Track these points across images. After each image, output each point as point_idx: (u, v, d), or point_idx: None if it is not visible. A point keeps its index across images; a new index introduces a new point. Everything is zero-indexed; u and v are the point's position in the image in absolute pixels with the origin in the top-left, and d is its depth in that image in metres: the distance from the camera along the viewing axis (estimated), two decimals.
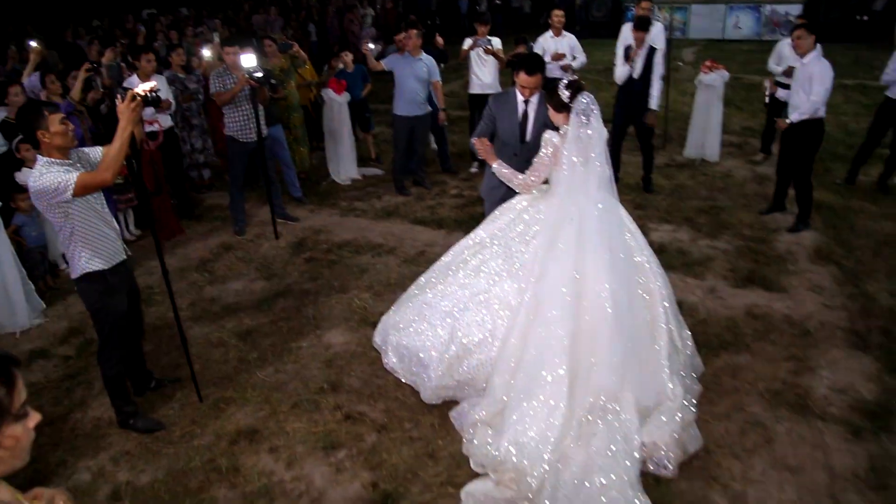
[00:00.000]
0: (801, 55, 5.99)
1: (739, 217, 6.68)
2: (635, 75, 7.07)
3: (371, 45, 8.39)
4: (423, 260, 5.88)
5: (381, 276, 5.72)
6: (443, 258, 4.34)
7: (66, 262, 5.82)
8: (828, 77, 5.83)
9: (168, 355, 4.72)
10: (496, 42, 7.95)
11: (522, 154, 4.36)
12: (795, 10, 18.04)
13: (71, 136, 3.44)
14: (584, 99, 3.65)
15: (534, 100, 4.43)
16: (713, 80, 8.06)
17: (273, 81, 6.73)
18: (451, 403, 3.96)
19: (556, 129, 3.87)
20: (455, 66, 10.26)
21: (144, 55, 6.60)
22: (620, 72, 7.24)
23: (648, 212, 6.90)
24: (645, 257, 3.87)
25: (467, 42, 7.98)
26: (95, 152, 3.66)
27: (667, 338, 3.74)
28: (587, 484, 3.24)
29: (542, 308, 3.64)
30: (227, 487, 3.49)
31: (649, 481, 3.36)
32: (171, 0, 19.74)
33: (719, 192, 7.42)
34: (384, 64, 7.46)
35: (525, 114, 4.47)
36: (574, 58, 8.04)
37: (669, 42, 8.61)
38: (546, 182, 4.00)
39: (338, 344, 4.75)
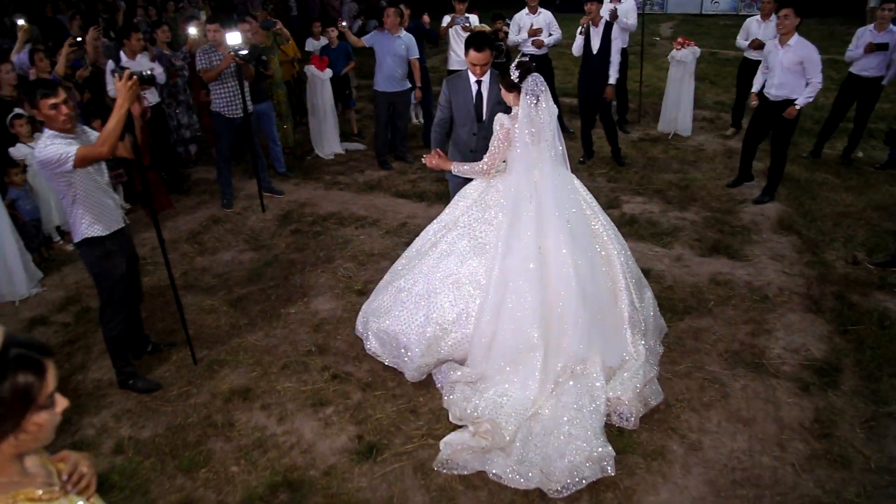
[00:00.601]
0: (784, 35, 6.07)
1: (708, 189, 6.98)
2: (594, 50, 7.29)
3: (344, 23, 8.53)
4: (404, 231, 6.13)
5: (364, 246, 5.96)
6: (412, 246, 4.52)
7: (60, 235, 6.05)
8: (819, 58, 6.04)
9: (163, 321, 4.95)
10: (474, 19, 8.15)
11: (481, 132, 4.59)
12: None
13: (63, 119, 3.59)
14: (533, 79, 3.85)
15: (485, 79, 4.61)
16: (685, 57, 8.29)
17: (263, 58, 6.90)
18: None
19: (509, 109, 4.07)
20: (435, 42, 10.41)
21: (134, 33, 6.73)
22: (576, 43, 7.50)
23: (621, 185, 7.17)
24: (601, 225, 4.12)
25: (446, 19, 8.16)
26: (96, 135, 3.85)
27: (627, 300, 4.03)
28: (555, 434, 3.54)
29: (510, 283, 3.87)
30: (224, 441, 3.75)
31: (613, 432, 3.66)
32: None
33: (690, 166, 7.70)
34: (364, 41, 7.63)
35: (479, 93, 4.65)
36: (550, 34, 8.23)
37: (642, 17, 8.85)
38: (504, 161, 4.20)
39: (324, 310, 5.00)
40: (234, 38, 5.95)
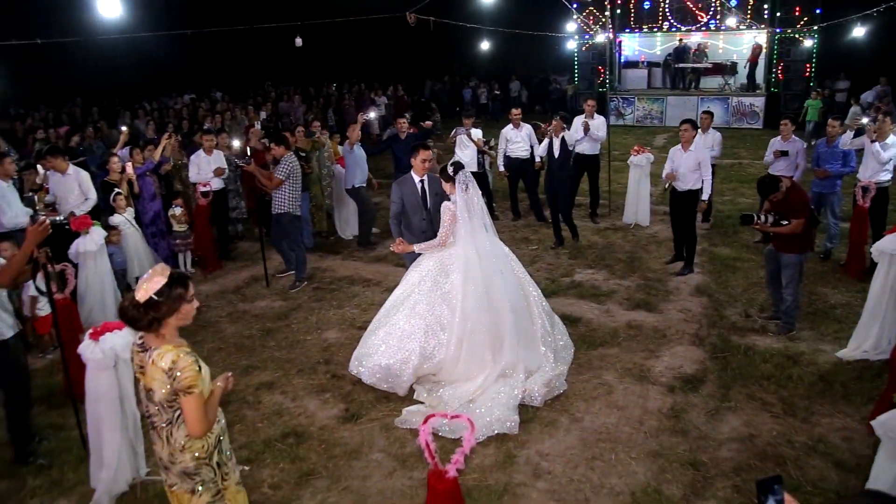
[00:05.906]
0: (685, 149, 8.06)
1: (649, 265, 8.65)
2: (555, 154, 9.17)
3: (372, 115, 10.56)
4: None
5: (367, 298, 7.74)
6: (389, 299, 5.87)
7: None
8: (708, 160, 7.98)
9: (211, 343, 6.69)
10: (476, 132, 10.30)
11: (428, 217, 6.24)
12: (759, 102, 20.68)
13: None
14: (463, 173, 5.60)
15: (426, 178, 6.27)
16: (640, 161, 10.20)
17: (303, 154, 9.13)
18: None
19: (448, 197, 5.74)
20: (446, 148, 12.58)
21: (206, 136, 9.01)
22: (541, 147, 9.51)
23: (579, 260, 8.88)
24: (523, 273, 5.87)
25: (453, 132, 10.39)
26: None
27: (539, 323, 5.71)
28: (481, 409, 5.14)
29: (469, 320, 5.50)
30: (253, 410, 5.42)
31: (522, 408, 5.23)
32: (206, 84, 22.73)
33: (642, 249, 9.40)
34: (342, 151, 9.80)
35: (423, 189, 6.31)
36: (531, 144, 10.36)
37: (638, 129, 10.87)
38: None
39: (332, 338, 6.73)
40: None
